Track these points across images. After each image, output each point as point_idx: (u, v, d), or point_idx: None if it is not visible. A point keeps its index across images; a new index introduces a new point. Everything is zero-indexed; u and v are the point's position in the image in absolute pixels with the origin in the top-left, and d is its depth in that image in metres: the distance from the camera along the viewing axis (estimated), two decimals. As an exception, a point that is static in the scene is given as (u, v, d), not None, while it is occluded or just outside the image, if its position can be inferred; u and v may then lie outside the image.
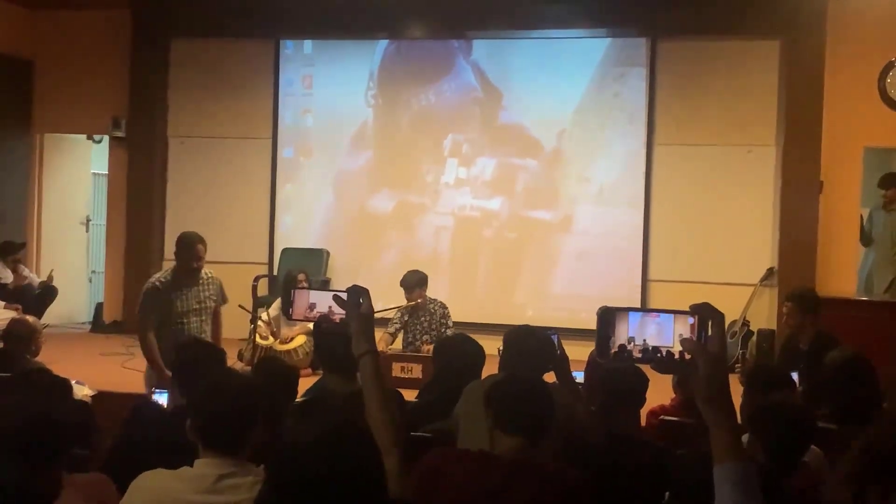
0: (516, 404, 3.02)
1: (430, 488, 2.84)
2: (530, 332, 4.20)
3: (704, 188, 9.67)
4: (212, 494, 2.65)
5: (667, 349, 1.80)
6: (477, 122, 10.27)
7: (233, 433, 2.71)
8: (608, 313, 1.82)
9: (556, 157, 10.07)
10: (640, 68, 9.82)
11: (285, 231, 10.67)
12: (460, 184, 10.27)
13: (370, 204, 10.49)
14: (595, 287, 9.60)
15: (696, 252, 9.63)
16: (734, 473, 1.72)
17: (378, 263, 10.41)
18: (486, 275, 10.22)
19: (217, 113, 10.72)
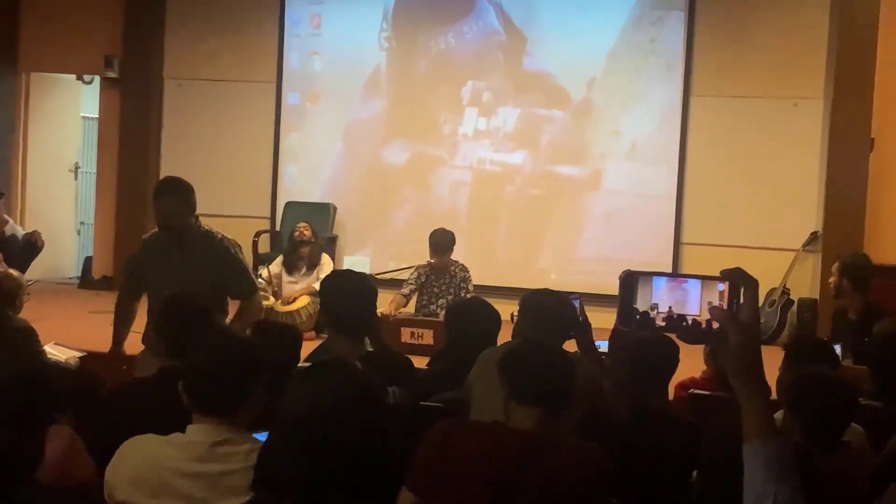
0: (534, 373, 3.02)
1: (439, 460, 2.86)
2: (549, 294, 4.20)
3: (745, 144, 9.61)
4: (205, 462, 2.67)
5: (693, 317, 1.79)
6: (499, 68, 10.21)
7: (229, 397, 2.73)
8: (631, 277, 1.81)
9: (584, 108, 10.02)
10: (679, 12, 9.74)
11: (289, 183, 10.68)
12: (480, 135, 10.24)
13: (382, 156, 10.48)
14: (624, 250, 9.59)
15: (733, 214, 9.59)
16: (765, 451, 1.72)
17: (390, 220, 10.42)
18: (507, 235, 10.22)
19: (217, 53, 10.70)
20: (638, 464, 3.52)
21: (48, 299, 9.48)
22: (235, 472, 2.62)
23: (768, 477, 1.70)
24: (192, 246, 5.32)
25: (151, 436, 2.77)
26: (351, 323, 3.87)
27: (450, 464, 2.86)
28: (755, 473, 1.72)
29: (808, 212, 9.46)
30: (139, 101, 10.85)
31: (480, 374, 3.97)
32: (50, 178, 11.68)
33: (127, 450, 2.75)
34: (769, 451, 1.72)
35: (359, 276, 4.12)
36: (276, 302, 8.40)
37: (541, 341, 3.31)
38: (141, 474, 2.68)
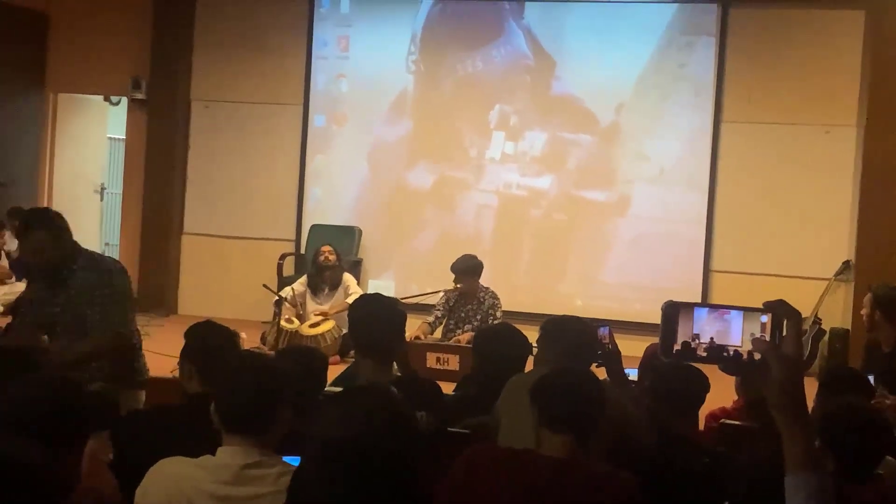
0: (565, 400, 3.04)
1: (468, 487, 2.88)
2: (570, 321, 4.21)
3: (776, 171, 9.59)
4: (235, 486, 2.69)
5: (734, 348, 1.80)
6: (527, 92, 10.25)
7: (258, 418, 2.75)
8: (673, 308, 1.82)
9: (612, 132, 10.03)
10: (710, 37, 9.75)
11: (314, 206, 10.73)
12: (506, 159, 10.26)
13: (407, 179, 10.52)
14: (651, 276, 9.58)
15: (764, 241, 9.57)
16: (808, 484, 1.73)
17: (414, 244, 10.44)
18: (532, 259, 10.22)
19: (244, 75, 10.78)
20: (666, 492, 3.51)
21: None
22: (266, 496, 2.64)
23: None
24: (72, 280, 4.71)
25: (181, 458, 2.79)
26: (380, 347, 3.89)
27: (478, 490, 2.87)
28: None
29: (840, 240, 9.42)
30: (166, 122, 10.93)
31: (508, 401, 3.98)
32: (76, 198, 11.77)
33: (157, 472, 2.78)
34: (811, 486, 1.73)
35: (388, 301, 4.14)
36: (300, 325, 8.44)
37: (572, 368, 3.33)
38: (171, 497, 2.70)
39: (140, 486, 2.77)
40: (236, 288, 10.16)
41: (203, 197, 10.97)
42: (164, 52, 10.88)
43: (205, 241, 10.90)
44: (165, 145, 10.93)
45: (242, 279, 10.12)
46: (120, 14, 11.03)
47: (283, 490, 2.08)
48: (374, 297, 4.38)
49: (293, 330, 8.34)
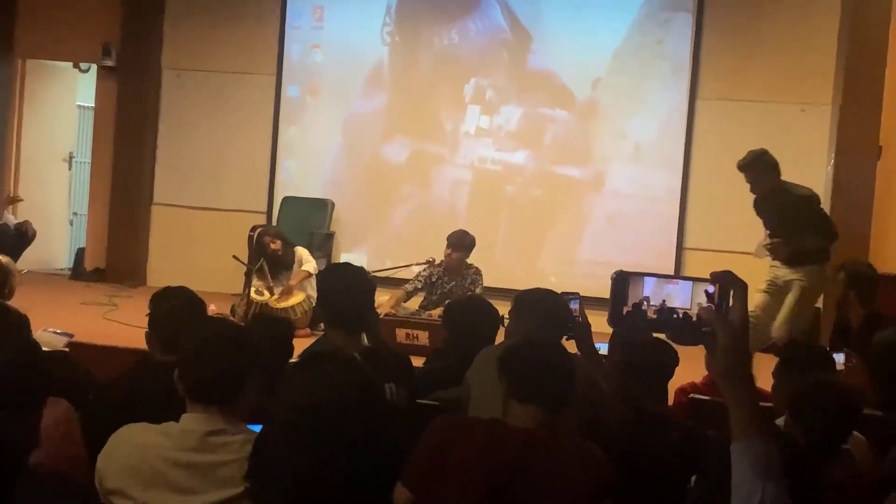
0: (534, 371, 3.04)
1: (436, 457, 2.87)
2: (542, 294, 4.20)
3: (751, 149, 9.58)
4: (198, 452, 2.67)
5: (684, 311, 1.81)
6: (503, 66, 10.22)
7: (224, 385, 2.73)
8: (622, 277, 1.84)
9: (589, 108, 10.03)
10: (687, 14, 9.75)
11: (287, 178, 10.67)
12: (482, 134, 10.25)
13: (382, 152, 10.48)
14: (625, 253, 9.60)
15: (737, 219, 9.54)
16: (752, 450, 1.74)
17: (388, 218, 10.42)
18: (507, 235, 10.23)
19: (217, 44, 10.69)
20: (636, 467, 3.52)
21: (39, 290, 9.47)
22: (230, 463, 2.62)
23: (755, 475, 1.73)
24: None
25: (144, 424, 2.77)
26: (348, 317, 3.86)
27: (447, 461, 2.87)
28: (743, 472, 1.75)
29: (813, 219, 9.44)
30: (136, 90, 10.83)
31: (478, 373, 3.98)
32: (44, 167, 11.68)
33: (119, 438, 2.75)
34: (756, 451, 1.75)
35: (357, 270, 4.11)
36: (271, 297, 8.41)
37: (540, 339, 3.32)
38: (133, 463, 2.68)
39: (102, 453, 2.74)
40: (206, 260, 10.10)
41: (174, 167, 10.89)
42: (135, 19, 10.78)
43: (175, 212, 10.84)
44: (136, 114, 10.84)
45: (213, 251, 10.06)
46: (90, -21, 10.91)
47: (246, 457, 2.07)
48: (343, 266, 4.36)
49: (263, 302, 8.30)
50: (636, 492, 3.48)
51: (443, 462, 2.86)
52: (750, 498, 1.72)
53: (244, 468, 2.00)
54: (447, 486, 2.84)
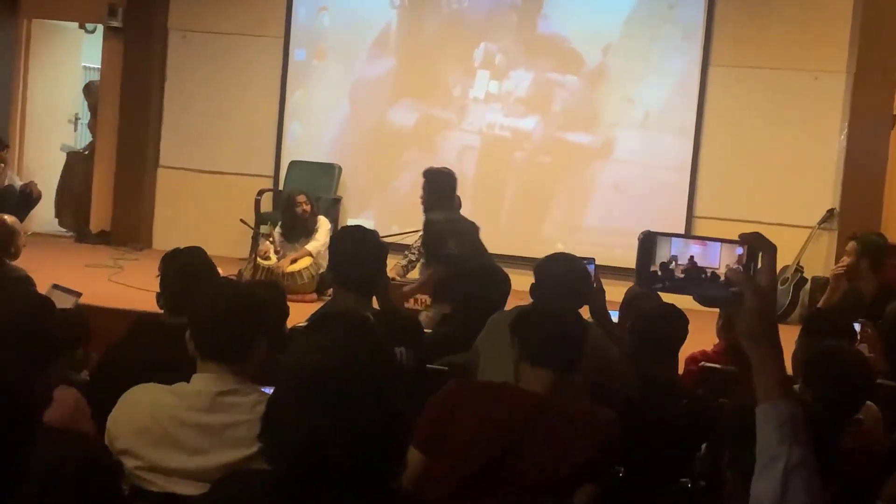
0: (546, 335, 3.04)
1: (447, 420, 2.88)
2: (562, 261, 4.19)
3: (763, 117, 9.56)
4: (209, 413, 2.67)
5: (712, 270, 1.80)
6: (513, 30, 10.16)
7: (235, 346, 2.73)
8: (649, 237, 1.83)
9: (599, 74, 9.96)
10: (700, -22, 9.68)
11: (293, 142, 10.64)
12: (490, 99, 10.19)
13: (389, 117, 10.44)
14: (634, 221, 9.52)
15: (748, 188, 9.57)
16: (777, 413, 1.73)
17: (395, 183, 10.39)
18: (514, 202, 10.20)
19: (224, 5, 10.63)
20: (644, 434, 3.53)
21: (44, 252, 9.49)
22: (241, 424, 2.63)
23: (782, 439, 1.72)
24: None
25: (154, 385, 2.77)
26: (359, 279, 3.85)
27: (458, 424, 2.88)
28: (768, 435, 1.73)
29: (825, 188, 9.43)
30: (142, 52, 10.78)
31: (489, 338, 3.98)
32: (49, 128, 11.64)
33: (129, 399, 2.75)
34: (782, 414, 1.74)
35: (369, 233, 4.10)
36: (277, 261, 8.40)
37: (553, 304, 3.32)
38: (143, 424, 2.69)
39: (112, 413, 2.75)
40: (213, 223, 10.07)
41: (180, 130, 10.86)
42: (142, -21, 10.71)
43: (181, 174, 10.81)
44: (142, 76, 10.79)
45: (219, 215, 10.05)
46: (96, -63, 10.84)
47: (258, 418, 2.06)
48: (355, 227, 4.34)
49: (269, 266, 8.29)
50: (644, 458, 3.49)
51: (454, 425, 2.87)
52: (776, 461, 1.71)
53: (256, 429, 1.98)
54: (458, 448, 2.85)
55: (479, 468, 2.89)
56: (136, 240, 10.56)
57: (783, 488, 1.70)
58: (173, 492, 2.65)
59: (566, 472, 2.92)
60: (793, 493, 1.70)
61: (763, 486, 1.73)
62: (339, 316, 2.27)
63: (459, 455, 2.85)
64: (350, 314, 2.36)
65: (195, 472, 2.63)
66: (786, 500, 1.70)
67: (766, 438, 1.74)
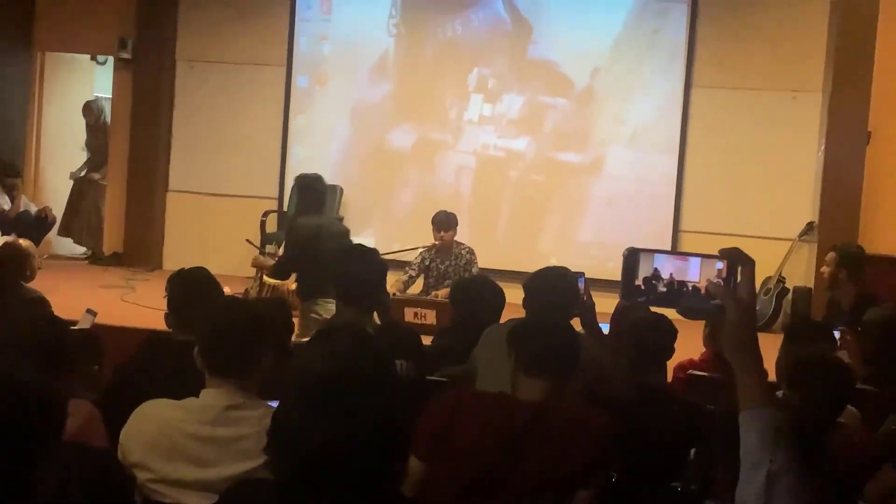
0: (541, 345, 3.03)
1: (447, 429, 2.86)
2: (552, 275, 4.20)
3: (744, 135, 9.58)
4: (217, 426, 2.66)
5: (693, 284, 1.80)
6: (505, 56, 10.17)
7: (242, 361, 2.72)
8: (634, 254, 1.84)
9: (587, 96, 9.98)
10: (682, 3, 9.68)
11: (297, 164, 10.60)
12: (484, 121, 10.20)
13: (388, 139, 10.45)
14: (624, 235, 9.52)
15: (732, 203, 9.57)
16: (760, 420, 1.73)
17: (394, 202, 10.39)
18: (509, 219, 10.20)
19: (229, 36, 10.65)
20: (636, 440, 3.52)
21: (58, 274, 9.49)
22: (248, 437, 2.61)
23: (764, 444, 1.71)
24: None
25: (165, 400, 2.76)
26: (360, 294, 3.85)
27: (458, 431, 2.87)
28: (751, 441, 1.73)
29: (804, 202, 9.44)
30: (151, 82, 10.79)
31: (485, 350, 3.97)
32: (63, 155, 11.62)
33: (141, 414, 2.74)
34: (765, 420, 1.73)
35: (368, 251, 4.11)
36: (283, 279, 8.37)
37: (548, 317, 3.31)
38: (154, 438, 2.67)
39: (125, 428, 2.73)
40: (220, 244, 10.07)
41: (188, 155, 10.87)
42: (150, 13, 10.73)
43: (189, 198, 10.81)
44: (151, 104, 10.80)
45: (226, 235, 10.04)
46: (106, -26, 10.86)
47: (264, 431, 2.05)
48: (357, 247, 4.34)
49: (275, 284, 8.27)
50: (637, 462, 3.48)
51: (454, 433, 2.86)
52: (759, 466, 1.71)
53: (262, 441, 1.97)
54: (459, 455, 2.84)
55: (480, 474, 2.88)
56: (148, 261, 10.55)
57: (767, 492, 1.69)
58: (184, 503, 2.64)
59: (563, 477, 2.90)
60: (777, 497, 1.69)
61: (748, 491, 1.72)
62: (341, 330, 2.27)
63: (460, 462, 2.84)
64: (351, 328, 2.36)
65: (204, 483, 2.62)
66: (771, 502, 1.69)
67: (750, 444, 1.73)
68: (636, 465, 3.44)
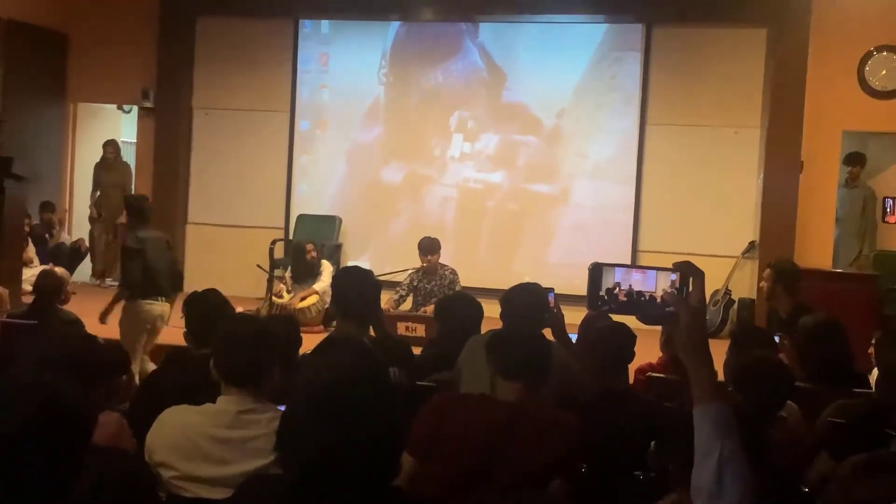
0: (517, 351, 3.03)
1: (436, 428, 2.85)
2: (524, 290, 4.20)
3: (693, 166, 9.63)
4: (232, 429, 2.65)
5: (650, 293, 1.80)
6: (482, 100, 10.20)
7: (252, 369, 2.71)
8: (597, 268, 1.84)
9: (555, 134, 10.01)
10: (636, 53, 9.74)
11: (301, 198, 10.64)
12: (465, 158, 10.22)
13: (381, 175, 10.45)
14: (589, 256, 9.31)
15: (683, 225, 9.61)
16: (712, 413, 1.73)
17: (387, 231, 10.39)
18: (488, 243, 10.20)
19: (239, 87, 10.66)
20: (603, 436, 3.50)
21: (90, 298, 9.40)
22: (260, 437, 2.61)
23: (715, 434, 1.71)
24: None
25: (186, 406, 2.75)
26: (358, 310, 3.83)
27: (444, 430, 2.85)
28: (704, 432, 1.73)
29: (746, 224, 9.48)
30: (171, 127, 10.79)
31: (468, 357, 3.96)
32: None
33: (164, 419, 2.73)
34: (714, 413, 1.73)
35: (365, 272, 4.09)
36: (290, 298, 8.36)
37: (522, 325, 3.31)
38: (176, 440, 2.66)
39: (150, 431, 2.72)
40: (234, 269, 10.04)
41: (204, 192, 10.85)
42: (169, 67, 10.74)
43: (206, 229, 10.79)
44: (171, 147, 10.80)
45: (239, 261, 10.02)
46: (130, 33, 10.85)
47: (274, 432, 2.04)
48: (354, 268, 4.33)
49: (283, 304, 8.26)
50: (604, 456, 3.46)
51: (443, 432, 2.85)
52: (710, 453, 1.71)
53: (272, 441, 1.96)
54: (448, 452, 2.82)
55: (467, 468, 2.87)
56: (170, 285, 10.48)
57: (718, 477, 1.70)
58: (203, 497, 2.62)
59: (540, 468, 2.89)
60: (727, 481, 1.69)
61: (702, 476, 1.72)
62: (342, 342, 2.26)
63: (449, 457, 2.83)
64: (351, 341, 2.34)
65: (221, 479, 2.60)
66: (721, 486, 1.69)
67: (702, 435, 1.73)
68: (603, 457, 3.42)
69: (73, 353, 2.68)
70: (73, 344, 2.78)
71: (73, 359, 2.64)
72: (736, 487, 1.69)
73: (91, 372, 2.70)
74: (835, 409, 3.49)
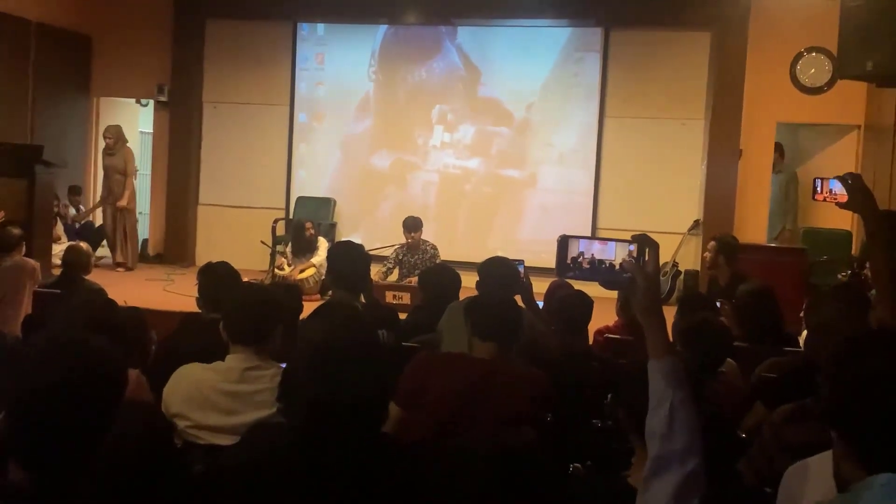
0: (491, 315, 3.03)
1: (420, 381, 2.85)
2: (497, 262, 4.21)
3: (645, 154, 9.65)
4: (239, 384, 2.65)
5: (610, 262, 1.81)
6: (460, 95, 10.15)
7: (258, 331, 2.70)
8: (564, 239, 1.85)
9: (524, 126, 9.99)
10: (596, 53, 9.72)
11: (300, 183, 10.58)
12: (445, 146, 10.19)
13: (371, 162, 10.40)
14: (554, 233, 9.23)
15: (636, 206, 9.63)
16: (665, 366, 1.73)
17: (377, 211, 10.35)
18: (465, 222, 10.19)
19: (244, 83, 10.56)
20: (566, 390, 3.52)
21: (113, 271, 9.39)
22: (264, 391, 2.60)
23: (667, 384, 1.72)
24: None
25: (198, 364, 2.74)
26: (351, 279, 3.82)
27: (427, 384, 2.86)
28: (657, 383, 1.73)
29: (692, 204, 9.52)
30: (184, 119, 10.69)
31: (448, 321, 3.96)
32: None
33: (179, 374, 2.72)
34: (667, 365, 1.73)
35: (356, 247, 4.08)
36: (291, 270, 8.33)
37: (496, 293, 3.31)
38: (190, 393, 2.66)
39: (166, 386, 2.71)
40: (240, 245, 9.96)
41: (214, 176, 10.77)
42: (182, 65, 10.62)
43: (215, 209, 10.72)
44: (184, 137, 10.69)
45: (245, 238, 9.95)
46: (147, 35, 10.70)
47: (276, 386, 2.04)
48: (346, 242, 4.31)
49: (285, 275, 8.23)
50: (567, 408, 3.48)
51: (424, 385, 2.85)
52: (663, 402, 1.72)
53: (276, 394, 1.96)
54: (431, 403, 2.83)
55: (447, 416, 2.87)
56: (184, 259, 10.45)
57: (670, 421, 1.70)
58: (215, 443, 2.62)
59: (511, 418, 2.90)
60: (678, 425, 1.70)
61: (655, 421, 1.73)
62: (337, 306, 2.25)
63: (432, 408, 2.83)
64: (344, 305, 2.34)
65: (230, 427, 2.60)
66: (672, 430, 1.70)
67: (656, 385, 1.73)
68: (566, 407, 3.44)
69: (96, 316, 2.66)
70: (97, 307, 2.75)
71: (96, 320, 2.62)
72: (685, 431, 1.70)
73: (112, 332, 2.67)
74: (768, 366, 3.52)
